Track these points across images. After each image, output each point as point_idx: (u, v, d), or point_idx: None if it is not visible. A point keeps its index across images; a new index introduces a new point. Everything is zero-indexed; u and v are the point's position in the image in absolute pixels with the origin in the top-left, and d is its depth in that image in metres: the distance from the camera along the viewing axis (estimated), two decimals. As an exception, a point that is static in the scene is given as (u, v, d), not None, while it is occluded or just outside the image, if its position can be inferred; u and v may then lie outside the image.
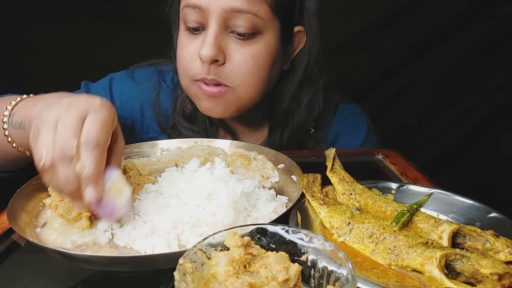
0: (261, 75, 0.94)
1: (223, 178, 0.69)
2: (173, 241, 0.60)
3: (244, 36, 0.89)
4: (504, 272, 0.51)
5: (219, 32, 0.88)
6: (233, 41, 0.90)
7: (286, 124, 1.08)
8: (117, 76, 1.14)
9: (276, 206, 0.69)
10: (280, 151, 0.93)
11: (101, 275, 0.59)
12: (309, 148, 1.13)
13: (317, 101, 1.08)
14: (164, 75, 1.15)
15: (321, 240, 0.47)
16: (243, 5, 0.86)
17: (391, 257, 0.57)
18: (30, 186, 0.74)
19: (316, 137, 1.14)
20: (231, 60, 0.90)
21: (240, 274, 0.43)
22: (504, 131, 1.65)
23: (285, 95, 1.05)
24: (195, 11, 0.89)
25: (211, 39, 0.87)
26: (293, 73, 1.04)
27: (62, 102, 0.59)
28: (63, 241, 0.63)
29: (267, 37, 0.92)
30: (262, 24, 0.89)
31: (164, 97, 1.13)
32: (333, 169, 0.82)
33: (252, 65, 0.91)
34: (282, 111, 1.06)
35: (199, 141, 1.00)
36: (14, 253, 0.64)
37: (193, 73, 0.94)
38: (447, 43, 1.60)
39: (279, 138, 1.09)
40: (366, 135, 1.18)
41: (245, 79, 0.92)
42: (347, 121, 1.18)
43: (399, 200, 0.74)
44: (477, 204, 0.69)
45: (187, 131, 1.08)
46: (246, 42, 0.90)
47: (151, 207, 0.65)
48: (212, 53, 0.87)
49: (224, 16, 0.87)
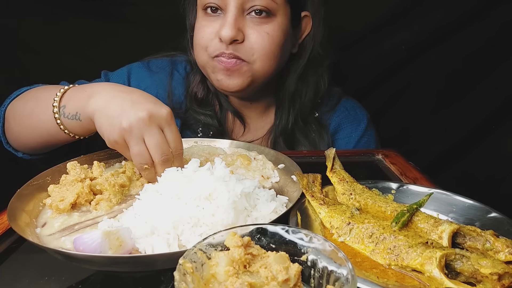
0: (275, 51, 1.03)
1: (223, 178, 0.69)
2: (173, 241, 0.60)
3: (261, 15, 0.99)
4: (504, 272, 0.51)
5: (238, 15, 0.98)
6: (250, 21, 1.00)
7: (293, 104, 1.16)
8: (134, 66, 1.22)
9: (276, 206, 0.69)
10: (280, 151, 0.94)
11: (101, 275, 0.59)
12: (313, 130, 1.20)
13: (322, 81, 1.17)
14: (177, 64, 1.23)
15: (321, 240, 0.47)
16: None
17: (391, 257, 0.57)
18: (30, 186, 0.74)
19: (320, 120, 1.22)
20: (249, 38, 1.00)
21: (240, 274, 0.43)
22: (505, 132, 1.65)
23: (292, 76, 1.14)
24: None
25: (231, 21, 0.97)
26: (300, 55, 1.14)
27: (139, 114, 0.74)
28: (63, 241, 0.63)
29: (279, 19, 1.02)
30: (275, 7, 1.00)
31: (177, 85, 1.21)
32: (333, 169, 0.82)
33: (268, 41, 1.01)
34: (290, 91, 1.15)
35: (199, 141, 1.01)
36: (14, 253, 0.64)
37: (212, 50, 1.02)
38: (447, 44, 1.60)
39: (286, 119, 1.16)
40: (366, 128, 1.24)
41: (261, 53, 1.02)
42: (348, 113, 1.25)
43: (399, 200, 0.74)
44: (477, 204, 0.69)
45: (199, 115, 1.17)
46: (262, 21, 1.00)
47: (151, 207, 0.65)
48: (232, 33, 0.97)
49: (242, 0, 0.97)
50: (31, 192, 0.73)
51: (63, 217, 0.70)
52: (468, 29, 1.57)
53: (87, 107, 0.80)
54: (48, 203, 0.71)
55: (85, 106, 0.81)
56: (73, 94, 0.87)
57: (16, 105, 1.00)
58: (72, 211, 0.71)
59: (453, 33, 1.58)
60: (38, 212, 0.71)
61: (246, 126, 1.21)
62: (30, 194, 0.73)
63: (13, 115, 0.99)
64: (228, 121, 1.21)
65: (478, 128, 1.67)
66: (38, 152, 1.03)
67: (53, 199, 0.71)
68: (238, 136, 1.22)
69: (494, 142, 1.67)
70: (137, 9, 1.56)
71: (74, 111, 0.84)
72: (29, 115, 0.94)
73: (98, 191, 0.76)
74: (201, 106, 1.17)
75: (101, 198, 0.73)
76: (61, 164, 0.82)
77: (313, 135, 1.19)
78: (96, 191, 0.76)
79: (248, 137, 1.21)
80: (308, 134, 1.19)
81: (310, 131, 1.19)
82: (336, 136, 1.24)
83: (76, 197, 0.71)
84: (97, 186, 0.75)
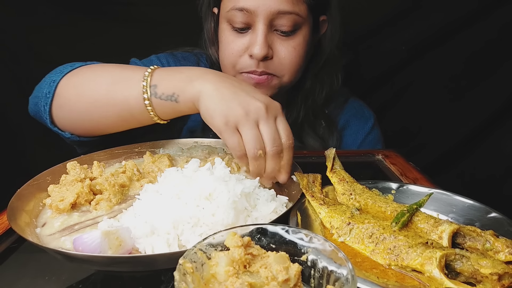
0: (301, 63, 1.08)
1: (223, 178, 0.69)
2: (173, 241, 0.60)
3: (287, 33, 1.01)
4: (504, 272, 0.51)
5: (267, 32, 0.99)
6: (278, 37, 1.02)
7: (305, 100, 1.20)
8: (161, 55, 1.22)
9: (276, 206, 0.69)
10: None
11: (102, 275, 0.59)
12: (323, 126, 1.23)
13: (336, 80, 1.21)
14: (200, 57, 1.24)
15: (321, 240, 0.47)
16: (287, 7, 0.97)
17: (391, 257, 0.57)
18: (30, 186, 0.74)
19: (330, 115, 1.25)
20: (278, 55, 1.02)
21: (240, 274, 0.43)
22: (505, 132, 1.65)
23: (309, 75, 1.17)
24: (242, 13, 0.98)
25: (262, 39, 0.98)
26: (318, 55, 1.17)
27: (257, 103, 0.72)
28: (63, 241, 0.63)
29: (304, 30, 1.04)
30: (301, 21, 1.02)
31: None
32: (333, 169, 0.82)
33: (296, 56, 1.04)
34: (306, 88, 1.18)
35: (199, 141, 1.01)
36: (14, 253, 0.64)
37: (241, 67, 1.04)
38: (448, 44, 1.60)
39: (297, 113, 1.20)
40: (372, 126, 1.28)
41: (290, 69, 1.05)
42: (356, 112, 1.30)
43: (399, 200, 0.74)
44: (477, 204, 0.69)
45: None
46: (289, 37, 1.02)
47: (151, 207, 0.65)
48: (264, 52, 0.98)
49: (270, 18, 0.97)
50: (31, 192, 0.73)
51: (63, 217, 0.70)
52: (469, 30, 1.57)
53: (190, 89, 0.77)
54: (48, 203, 0.71)
55: (186, 88, 0.77)
56: (166, 74, 0.82)
57: (80, 80, 0.91)
58: (72, 211, 0.71)
59: (454, 34, 1.58)
60: (38, 212, 0.71)
61: None
62: (30, 194, 0.73)
63: (76, 92, 0.90)
64: None
65: (479, 128, 1.67)
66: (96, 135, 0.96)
67: (53, 199, 0.71)
68: None
69: (495, 142, 1.67)
70: (135, 9, 1.56)
71: (171, 92, 0.79)
72: (106, 91, 0.86)
73: (98, 191, 0.76)
74: None
75: (101, 198, 0.73)
76: (61, 164, 0.82)
77: (322, 130, 1.22)
78: (96, 191, 0.76)
79: None
80: (317, 128, 1.22)
81: (319, 126, 1.22)
82: (343, 132, 1.27)
83: (76, 197, 0.71)
84: (97, 186, 0.75)
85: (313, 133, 1.21)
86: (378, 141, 1.28)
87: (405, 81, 1.69)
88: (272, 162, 0.73)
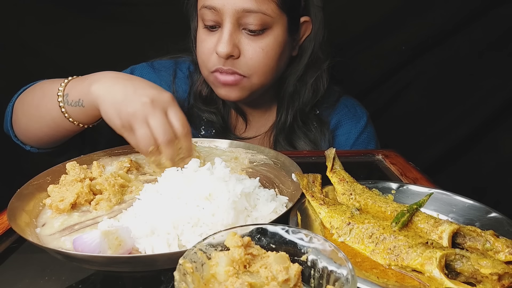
0: (271, 65, 1.05)
1: (223, 178, 0.69)
2: (173, 241, 0.60)
3: (255, 32, 0.99)
4: (504, 272, 0.51)
5: (233, 30, 0.98)
6: (245, 37, 1.01)
7: (293, 103, 1.18)
8: (138, 66, 1.25)
9: (276, 206, 0.69)
10: (280, 151, 0.94)
11: (101, 275, 0.58)
12: (314, 127, 1.21)
13: (322, 82, 1.18)
14: (181, 64, 1.26)
15: (321, 240, 0.47)
16: (252, 6, 0.96)
17: (391, 257, 0.57)
18: (30, 186, 0.74)
19: (321, 117, 1.24)
20: (245, 54, 1.01)
21: (240, 274, 0.43)
22: (504, 132, 1.65)
23: (292, 78, 1.16)
24: (211, 12, 0.99)
25: (226, 37, 0.98)
26: (300, 58, 1.15)
27: (142, 100, 0.77)
28: (63, 241, 0.63)
29: (275, 31, 1.02)
30: (270, 20, 0.99)
31: (180, 83, 1.23)
32: (333, 169, 0.82)
33: (263, 57, 1.02)
34: (290, 92, 1.17)
35: (199, 141, 1.01)
36: (14, 253, 0.64)
37: (210, 65, 1.04)
38: (447, 44, 1.60)
39: (285, 117, 1.18)
40: (365, 125, 1.26)
41: (257, 69, 1.03)
42: (348, 110, 1.27)
43: (399, 200, 0.74)
44: (477, 204, 0.69)
45: (203, 112, 1.20)
46: (257, 37, 1.00)
47: (151, 207, 0.65)
48: (227, 50, 0.98)
49: (236, 16, 0.97)
50: (31, 192, 0.73)
51: (63, 217, 0.70)
52: (469, 30, 1.57)
53: (89, 93, 0.83)
54: (48, 203, 0.71)
55: (87, 93, 0.83)
56: (75, 82, 0.90)
57: (24, 98, 1.02)
58: (72, 211, 0.71)
59: (453, 34, 1.59)
60: (38, 212, 0.71)
61: (248, 123, 1.24)
62: (30, 194, 0.73)
63: (22, 108, 1.01)
64: (231, 117, 1.25)
65: (479, 128, 1.67)
66: (46, 146, 1.05)
67: (53, 199, 0.71)
68: (240, 132, 1.24)
69: (495, 142, 1.67)
70: (136, 10, 1.56)
71: (77, 98, 0.87)
72: (37, 105, 0.96)
73: (98, 191, 0.76)
74: (205, 104, 1.19)
75: (101, 198, 0.73)
76: (61, 164, 0.82)
77: (314, 132, 1.21)
78: (96, 191, 0.76)
79: (251, 133, 1.24)
80: (308, 131, 1.20)
81: (310, 128, 1.21)
82: (336, 132, 1.25)
83: (76, 197, 0.71)
84: (96, 186, 0.75)
85: (304, 136, 1.19)
86: (371, 140, 1.26)
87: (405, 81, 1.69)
88: (168, 151, 0.78)
